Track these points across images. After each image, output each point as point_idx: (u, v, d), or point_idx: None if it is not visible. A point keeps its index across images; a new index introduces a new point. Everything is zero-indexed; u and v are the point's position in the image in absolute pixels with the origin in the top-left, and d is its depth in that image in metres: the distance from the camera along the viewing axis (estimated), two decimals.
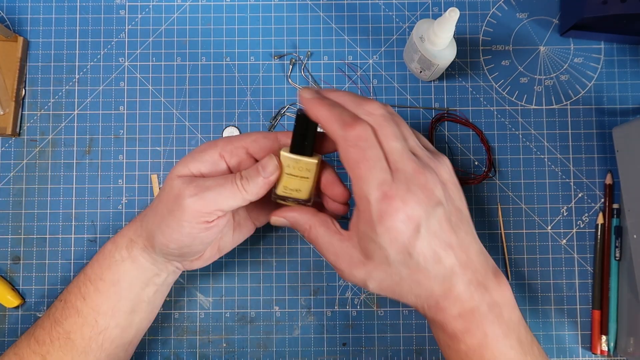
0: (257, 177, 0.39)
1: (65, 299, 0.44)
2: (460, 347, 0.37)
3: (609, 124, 0.52)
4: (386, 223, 0.35)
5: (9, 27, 0.53)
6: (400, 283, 0.37)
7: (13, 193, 0.52)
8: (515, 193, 0.52)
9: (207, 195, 0.38)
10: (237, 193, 0.39)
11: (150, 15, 0.54)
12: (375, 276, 0.37)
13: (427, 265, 0.36)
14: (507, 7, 0.54)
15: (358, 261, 0.38)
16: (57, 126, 0.53)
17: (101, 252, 0.44)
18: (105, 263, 0.43)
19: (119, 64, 0.53)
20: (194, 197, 0.38)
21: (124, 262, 0.43)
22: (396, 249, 0.35)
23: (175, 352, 0.51)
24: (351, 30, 0.53)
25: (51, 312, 0.44)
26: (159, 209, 0.40)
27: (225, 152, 0.41)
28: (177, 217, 0.39)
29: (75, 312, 0.43)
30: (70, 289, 0.44)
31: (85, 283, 0.43)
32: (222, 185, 0.39)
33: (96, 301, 0.43)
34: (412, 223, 0.35)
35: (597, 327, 0.50)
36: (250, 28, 0.53)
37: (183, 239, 0.40)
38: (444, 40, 0.45)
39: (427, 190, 0.36)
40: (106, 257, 0.43)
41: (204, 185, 0.39)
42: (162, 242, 0.41)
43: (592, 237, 0.52)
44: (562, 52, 0.53)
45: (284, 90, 0.53)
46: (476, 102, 0.53)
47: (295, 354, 0.51)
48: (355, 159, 0.36)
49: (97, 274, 0.43)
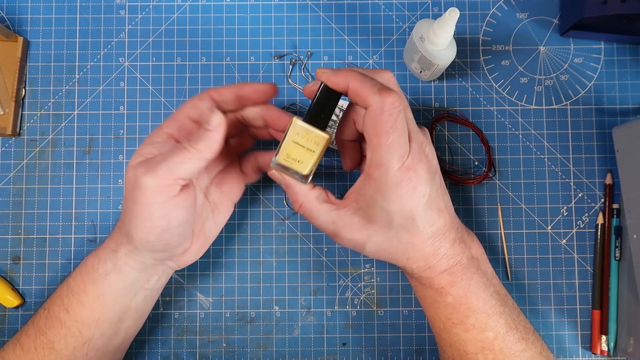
0: (204, 132, 0.38)
1: (48, 309, 0.43)
2: (447, 300, 0.40)
3: (609, 124, 0.52)
4: (399, 191, 0.37)
5: (9, 27, 0.53)
6: (397, 245, 0.40)
7: (13, 193, 0.52)
8: (515, 193, 0.52)
9: (159, 167, 0.37)
10: (188, 154, 0.38)
11: (150, 15, 0.54)
12: (375, 239, 0.40)
13: (424, 229, 0.39)
14: (507, 7, 0.54)
15: (358, 225, 0.39)
16: (57, 126, 0.53)
17: (83, 266, 0.43)
18: (88, 277, 0.42)
19: (119, 64, 0.53)
20: (147, 175, 0.37)
21: (108, 275, 0.42)
22: (403, 214, 0.38)
23: (175, 352, 0.51)
24: (351, 30, 0.53)
25: (35, 320, 0.44)
26: (127, 206, 0.40)
27: (171, 128, 0.41)
28: (141, 202, 0.38)
29: (58, 323, 0.42)
30: (53, 299, 0.44)
31: (68, 296, 0.43)
32: (171, 152, 0.38)
33: (80, 314, 0.42)
34: (420, 191, 0.38)
35: (597, 327, 0.50)
36: (250, 28, 0.53)
37: (157, 223, 0.39)
38: (444, 40, 0.45)
39: (430, 160, 0.39)
40: (89, 271, 0.42)
41: (153, 160, 0.38)
42: (140, 237, 0.40)
43: (592, 237, 0.52)
44: (562, 52, 0.53)
45: (284, 90, 0.53)
46: (476, 102, 0.53)
47: (295, 354, 0.51)
48: (386, 127, 0.36)
49: (80, 287, 0.42)
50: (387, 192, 0.37)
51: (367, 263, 0.52)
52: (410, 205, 0.38)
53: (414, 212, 0.38)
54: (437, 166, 0.40)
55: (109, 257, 0.42)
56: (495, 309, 0.40)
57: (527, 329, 0.42)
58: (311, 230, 0.52)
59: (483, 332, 0.40)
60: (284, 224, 0.52)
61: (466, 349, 0.41)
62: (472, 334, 0.40)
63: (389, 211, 0.38)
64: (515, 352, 0.40)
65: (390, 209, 0.38)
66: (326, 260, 0.52)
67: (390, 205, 0.38)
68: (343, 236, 0.40)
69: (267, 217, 0.52)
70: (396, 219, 0.38)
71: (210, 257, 0.52)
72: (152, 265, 0.43)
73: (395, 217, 0.38)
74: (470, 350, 0.40)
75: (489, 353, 0.40)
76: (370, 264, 0.52)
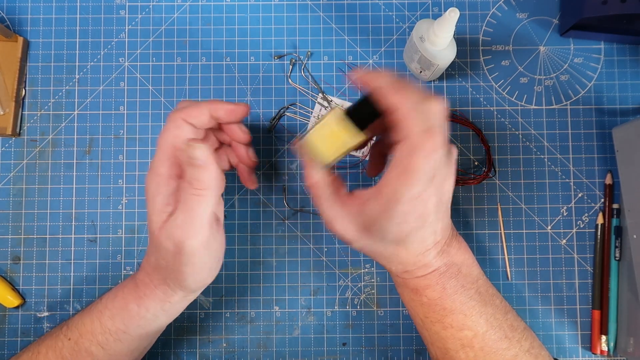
0: (199, 171, 0.38)
1: (76, 341, 0.42)
2: (422, 300, 0.41)
3: (609, 124, 0.52)
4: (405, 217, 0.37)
5: (9, 27, 0.53)
6: (382, 252, 0.40)
7: (13, 193, 0.52)
8: (515, 193, 0.52)
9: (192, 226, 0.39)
10: (203, 200, 0.39)
11: (150, 15, 0.54)
12: (364, 242, 0.40)
13: (413, 248, 0.40)
14: (507, 7, 0.54)
15: (353, 228, 0.40)
16: (57, 126, 0.53)
17: (125, 309, 0.42)
18: (132, 322, 0.42)
19: (119, 64, 0.53)
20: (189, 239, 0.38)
21: (157, 319, 0.43)
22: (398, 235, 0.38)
23: (175, 352, 0.51)
24: (351, 30, 0.53)
25: (57, 347, 0.43)
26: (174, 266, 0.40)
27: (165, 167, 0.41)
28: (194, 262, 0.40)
29: (88, 355, 0.42)
30: (82, 332, 0.43)
31: (104, 334, 0.42)
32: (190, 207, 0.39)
33: (116, 349, 0.42)
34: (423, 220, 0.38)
35: (597, 327, 0.50)
36: (250, 28, 0.53)
37: (212, 266, 0.42)
38: (444, 40, 0.45)
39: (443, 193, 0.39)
40: (133, 316, 0.42)
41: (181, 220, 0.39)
42: (199, 284, 0.42)
43: (592, 237, 0.52)
44: (562, 52, 0.53)
45: (284, 90, 0.53)
46: (476, 102, 0.53)
47: (295, 354, 0.51)
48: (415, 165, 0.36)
49: (120, 328, 0.42)
50: (392, 216, 0.37)
51: (367, 263, 0.52)
52: (407, 230, 0.38)
53: (409, 235, 0.39)
54: (449, 198, 0.40)
55: (161, 305, 0.42)
56: (475, 310, 0.41)
57: (514, 327, 0.42)
58: (311, 230, 0.52)
59: (461, 330, 0.41)
60: (284, 224, 0.52)
61: (447, 347, 0.41)
62: (450, 332, 0.41)
63: (387, 229, 0.38)
64: (497, 350, 0.40)
65: (389, 229, 0.38)
66: (326, 260, 0.52)
67: (390, 226, 0.38)
68: (335, 229, 0.40)
69: (267, 217, 0.52)
70: (389, 236, 0.39)
71: None
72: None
73: (390, 235, 0.39)
74: (451, 348, 0.41)
75: (470, 351, 0.40)
76: (371, 264, 0.52)
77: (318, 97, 0.53)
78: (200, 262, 0.40)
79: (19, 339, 0.51)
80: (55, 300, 0.51)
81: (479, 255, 0.51)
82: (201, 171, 0.38)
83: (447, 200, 0.40)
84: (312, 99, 0.53)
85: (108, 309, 0.43)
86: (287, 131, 0.52)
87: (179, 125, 0.41)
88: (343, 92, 0.53)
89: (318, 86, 0.53)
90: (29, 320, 0.51)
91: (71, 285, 0.51)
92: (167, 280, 0.41)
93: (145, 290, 0.42)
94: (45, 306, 0.51)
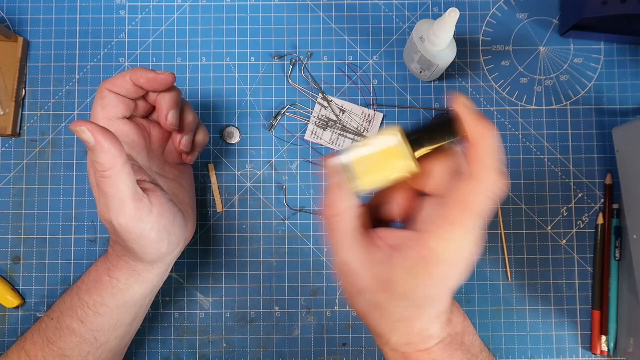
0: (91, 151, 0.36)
1: (57, 319, 0.43)
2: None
3: (609, 124, 0.52)
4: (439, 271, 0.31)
5: (9, 27, 0.53)
6: (394, 316, 0.33)
7: (13, 193, 0.52)
8: (515, 193, 0.52)
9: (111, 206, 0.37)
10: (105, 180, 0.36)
11: (150, 15, 0.54)
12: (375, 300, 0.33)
13: (430, 311, 0.33)
14: (507, 7, 0.54)
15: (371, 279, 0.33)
16: (57, 126, 0.53)
17: (98, 281, 0.42)
18: (106, 292, 0.42)
19: (119, 64, 0.53)
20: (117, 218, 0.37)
21: (130, 288, 0.42)
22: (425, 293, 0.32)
23: (175, 352, 0.51)
24: (351, 30, 0.53)
25: (42, 329, 0.43)
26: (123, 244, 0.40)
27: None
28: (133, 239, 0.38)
29: (70, 332, 0.42)
30: (62, 309, 0.43)
31: (82, 308, 0.42)
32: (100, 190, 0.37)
33: (96, 323, 0.42)
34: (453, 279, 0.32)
35: (597, 327, 0.50)
36: (250, 28, 0.53)
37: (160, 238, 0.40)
38: (444, 41, 0.45)
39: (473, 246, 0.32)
40: (106, 286, 0.42)
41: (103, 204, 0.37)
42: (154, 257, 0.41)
43: (592, 237, 0.52)
44: (562, 52, 0.53)
45: (284, 90, 0.53)
46: (476, 102, 0.53)
47: (295, 354, 0.51)
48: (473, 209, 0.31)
49: (97, 300, 0.42)
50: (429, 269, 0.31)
51: None
52: (437, 290, 0.32)
53: (438, 296, 0.32)
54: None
55: (129, 273, 0.42)
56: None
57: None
58: (311, 230, 0.52)
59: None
60: (284, 224, 0.52)
61: None
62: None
63: (412, 285, 0.32)
64: None
65: (414, 284, 0.32)
66: (326, 260, 0.52)
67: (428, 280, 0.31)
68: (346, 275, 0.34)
69: (267, 217, 0.52)
70: (415, 296, 0.32)
71: (210, 257, 0.52)
72: (169, 264, 0.44)
73: (417, 295, 0.32)
74: None
75: None
76: None
77: (318, 97, 0.53)
78: (142, 237, 0.38)
79: None
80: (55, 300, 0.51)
81: (479, 256, 0.51)
82: (96, 153, 0.35)
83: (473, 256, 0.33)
84: (312, 99, 0.53)
85: (84, 283, 0.43)
86: (287, 131, 0.52)
87: (104, 96, 0.41)
88: (343, 92, 0.53)
89: (318, 86, 0.53)
90: (29, 320, 0.51)
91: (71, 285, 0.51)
92: (125, 253, 0.42)
93: (112, 261, 0.42)
94: (45, 306, 0.51)
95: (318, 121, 0.52)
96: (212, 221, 0.52)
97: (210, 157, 0.52)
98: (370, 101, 0.53)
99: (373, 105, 0.52)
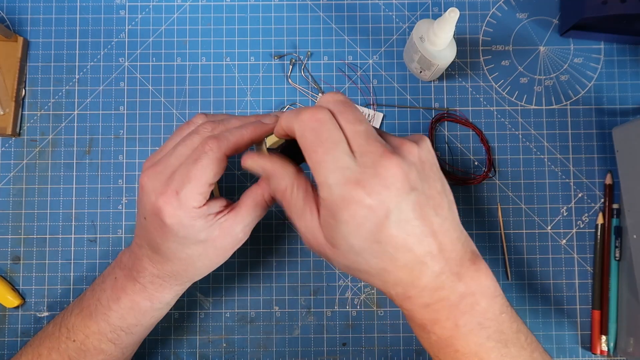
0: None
1: (82, 342, 0.42)
2: (431, 337, 0.35)
3: (609, 124, 0.52)
4: (349, 210, 0.32)
5: (9, 27, 0.53)
6: (368, 270, 0.34)
7: (13, 193, 0.52)
8: (515, 193, 0.52)
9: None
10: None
11: (150, 15, 0.54)
12: (342, 263, 0.35)
13: (397, 254, 0.33)
14: (507, 7, 0.54)
15: (324, 244, 0.35)
16: (57, 126, 0.53)
17: (136, 308, 0.42)
18: (145, 315, 0.43)
19: (119, 64, 0.53)
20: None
21: (162, 309, 0.44)
22: (362, 237, 0.33)
23: (175, 352, 0.51)
24: (351, 30, 0.53)
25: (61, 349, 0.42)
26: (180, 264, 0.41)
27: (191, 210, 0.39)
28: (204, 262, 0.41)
29: (99, 352, 0.42)
30: (88, 333, 0.42)
31: (115, 332, 0.42)
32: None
33: (127, 341, 0.43)
34: (379, 210, 0.32)
35: (597, 327, 0.50)
36: (250, 28, 0.53)
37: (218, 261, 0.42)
38: (444, 41, 0.45)
39: (398, 175, 0.32)
40: (146, 311, 0.42)
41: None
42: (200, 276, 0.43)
43: (592, 237, 0.52)
44: (562, 52, 0.53)
45: (284, 90, 0.53)
46: (476, 102, 0.53)
47: (295, 354, 0.51)
48: (311, 142, 0.33)
49: (131, 323, 0.42)
50: (336, 213, 0.32)
51: None
52: (370, 227, 0.32)
53: (376, 235, 0.32)
54: (416, 180, 0.33)
55: (172, 295, 0.43)
56: (493, 352, 0.35)
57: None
58: None
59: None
60: (284, 224, 0.52)
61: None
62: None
63: (345, 235, 0.33)
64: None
65: (345, 233, 0.33)
66: (326, 260, 0.51)
67: (343, 227, 0.33)
68: (312, 246, 0.36)
69: (267, 217, 0.52)
70: (356, 244, 0.33)
71: None
72: None
73: (355, 241, 0.33)
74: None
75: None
76: None
77: (318, 97, 0.53)
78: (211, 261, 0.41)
79: (18, 339, 0.51)
80: (55, 300, 0.51)
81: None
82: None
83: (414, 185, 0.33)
84: (312, 99, 0.53)
85: (114, 310, 0.42)
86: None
87: (222, 162, 0.38)
88: (343, 92, 0.53)
89: (318, 86, 0.53)
90: (29, 320, 0.51)
91: (71, 285, 0.51)
92: (172, 276, 0.42)
93: (153, 287, 0.42)
94: (45, 306, 0.51)
95: None
96: None
97: None
98: (370, 101, 0.53)
99: (373, 105, 0.52)
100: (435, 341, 0.35)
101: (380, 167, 0.32)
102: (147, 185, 0.38)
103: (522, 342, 0.36)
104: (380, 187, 0.32)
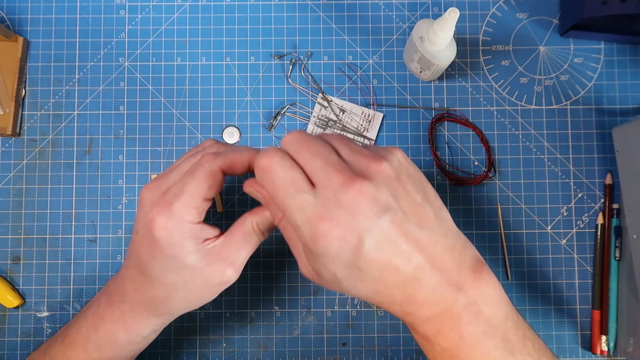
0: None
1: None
2: (435, 349, 0.35)
3: (609, 124, 0.52)
4: (321, 245, 0.32)
5: (9, 27, 0.53)
6: (361, 293, 0.34)
7: (13, 193, 0.52)
8: (515, 193, 0.52)
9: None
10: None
11: (150, 15, 0.54)
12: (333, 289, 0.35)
13: (384, 276, 0.32)
14: (507, 7, 0.54)
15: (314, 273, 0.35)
16: (57, 126, 0.53)
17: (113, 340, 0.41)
18: (122, 348, 0.42)
19: (119, 64, 0.53)
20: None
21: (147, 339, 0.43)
22: (342, 267, 0.32)
23: (175, 352, 0.51)
24: (351, 30, 0.53)
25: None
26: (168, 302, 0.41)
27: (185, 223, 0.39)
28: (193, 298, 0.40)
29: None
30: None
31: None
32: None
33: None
34: (350, 238, 0.31)
35: (597, 327, 0.50)
36: (250, 28, 0.53)
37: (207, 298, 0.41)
38: (444, 40, 0.45)
39: (361, 200, 0.31)
40: (123, 343, 0.42)
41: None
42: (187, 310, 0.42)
43: (592, 237, 0.52)
44: (562, 52, 0.53)
45: (284, 90, 0.53)
46: (476, 102, 0.53)
47: (295, 354, 0.51)
48: (269, 188, 0.34)
49: (109, 356, 0.42)
50: (313, 248, 0.32)
51: None
52: (346, 256, 0.32)
53: (356, 262, 0.32)
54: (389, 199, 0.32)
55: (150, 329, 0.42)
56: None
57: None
58: None
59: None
60: None
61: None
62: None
63: (326, 265, 0.33)
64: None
65: (326, 265, 0.33)
66: None
67: (322, 261, 0.33)
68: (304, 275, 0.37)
69: None
70: (339, 272, 0.33)
71: None
72: None
73: (336, 270, 0.33)
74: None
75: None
76: None
77: (318, 97, 0.53)
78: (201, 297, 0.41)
79: (18, 339, 0.51)
80: (55, 300, 0.51)
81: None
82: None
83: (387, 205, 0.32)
84: (312, 99, 0.53)
85: (92, 341, 0.41)
86: (288, 131, 0.52)
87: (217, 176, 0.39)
88: (343, 92, 0.53)
89: (318, 86, 0.53)
90: (29, 321, 0.51)
91: (71, 285, 0.51)
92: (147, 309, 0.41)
93: (131, 319, 0.41)
94: (45, 306, 0.51)
95: (318, 121, 0.52)
96: (212, 221, 0.52)
97: None
98: (370, 101, 0.53)
99: (373, 105, 0.52)
100: (439, 352, 0.34)
101: (341, 196, 0.32)
102: (145, 197, 0.38)
103: (529, 348, 0.35)
104: (346, 215, 0.31)
